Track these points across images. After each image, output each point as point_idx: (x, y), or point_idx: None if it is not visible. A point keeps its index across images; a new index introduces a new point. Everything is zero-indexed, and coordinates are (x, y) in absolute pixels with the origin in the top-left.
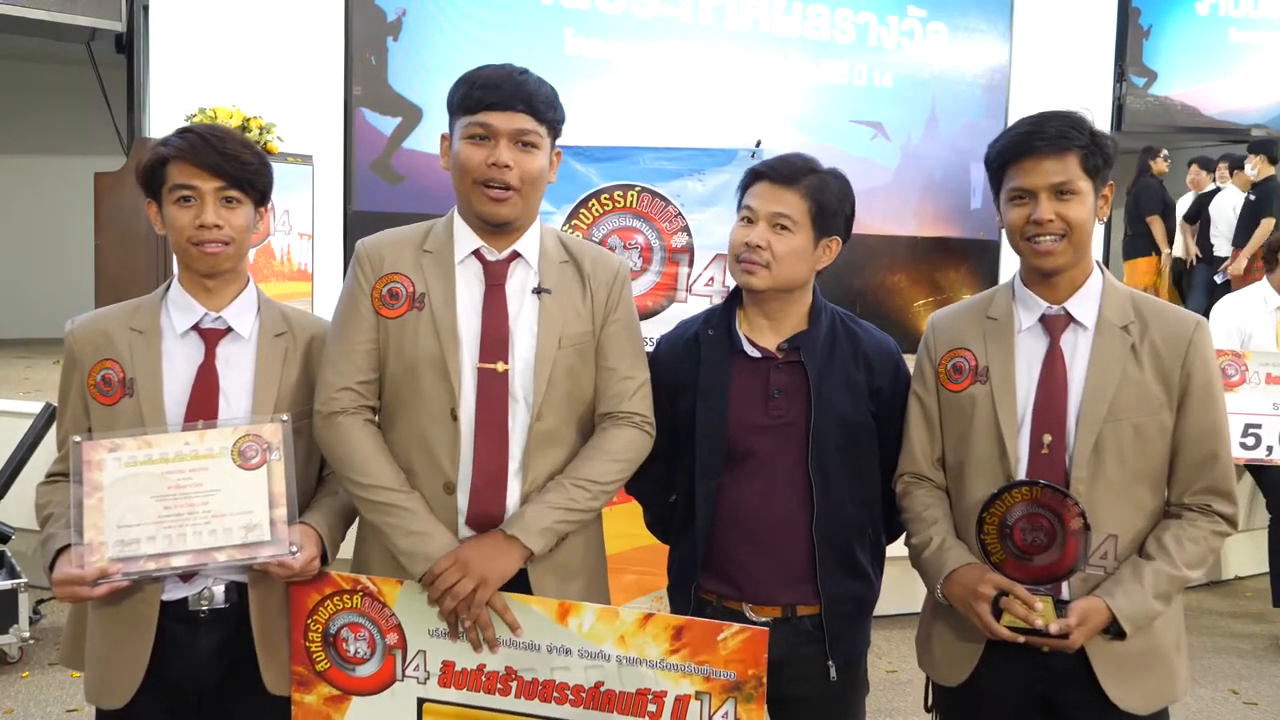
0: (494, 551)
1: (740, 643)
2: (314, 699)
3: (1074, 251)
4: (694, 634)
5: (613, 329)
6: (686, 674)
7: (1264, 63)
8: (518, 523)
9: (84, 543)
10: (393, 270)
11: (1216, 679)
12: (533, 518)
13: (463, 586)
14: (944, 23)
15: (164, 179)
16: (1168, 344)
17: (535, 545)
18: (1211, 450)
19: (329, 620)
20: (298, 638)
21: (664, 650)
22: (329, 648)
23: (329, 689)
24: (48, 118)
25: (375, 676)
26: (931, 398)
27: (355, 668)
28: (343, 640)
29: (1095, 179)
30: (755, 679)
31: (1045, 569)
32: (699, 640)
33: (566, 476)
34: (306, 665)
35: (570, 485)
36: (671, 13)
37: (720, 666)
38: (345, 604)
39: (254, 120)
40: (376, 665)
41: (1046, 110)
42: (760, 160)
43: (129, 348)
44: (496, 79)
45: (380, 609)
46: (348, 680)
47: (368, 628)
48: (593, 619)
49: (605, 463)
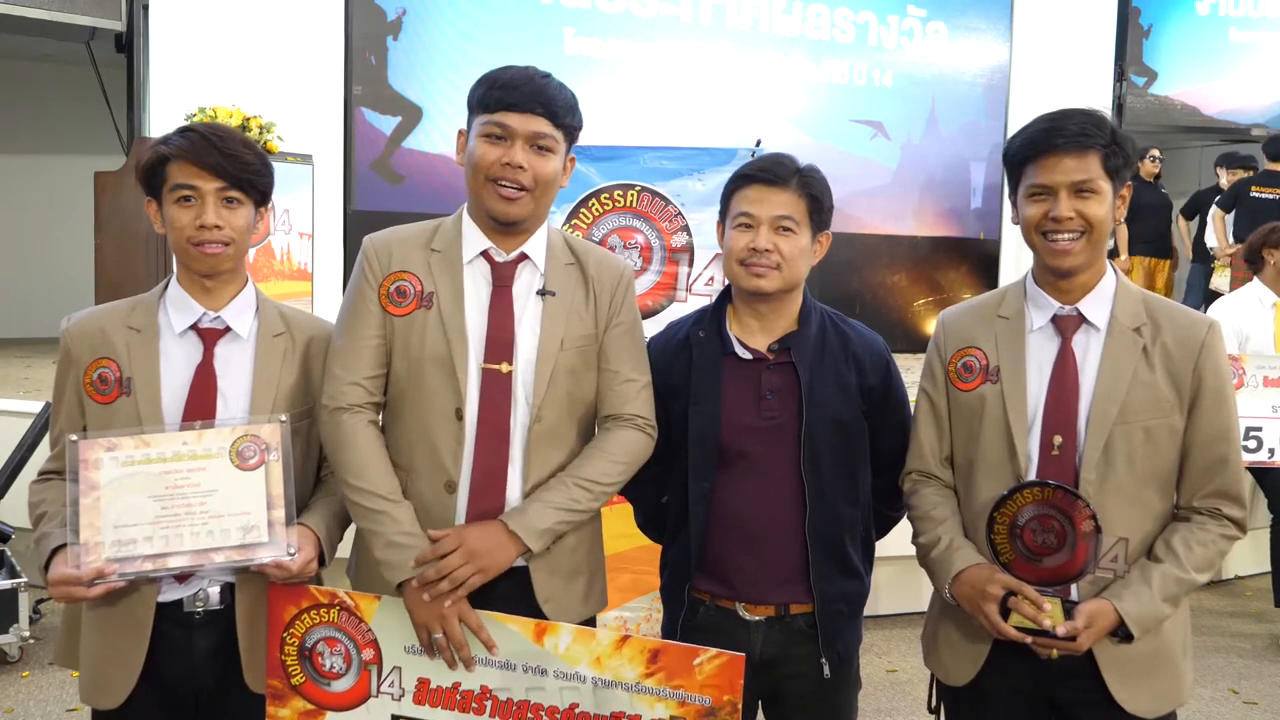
0: (496, 544)
1: (716, 668)
2: (288, 713)
3: (1091, 251)
4: (670, 657)
5: (616, 332)
6: (661, 698)
7: (1264, 62)
8: (520, 518)
9: (80, 543)
10: (401, 268)
11: (1216, 678)
12: (536, 516)
13: (462, 571)
14: (944, 22)
15: (164, 178)
16: (1179, 346)
17: (535, 545)
18: (1222, 454)
19: (305, 634)
20: (273, 651)
21: (640, 673)
22: (304, 662)
23: (303, 704)
24: (48, 117)
25: (350, 692)
26: (941, 396)
27: (330, 683)
28: (319, 654)
29: (1115, 179)
30: (730, 705)
31: (1055, 571)
32: (675, 664)
33: (569, 475)
34: (282, 679)
35: (573, 485)
36: (671, 12)
37: (695, 691)
38: (322, 618)
39: (254, 119)
40: (351, 681)
41: (1067, 108)
42: (744, 164)
43: (126, 346)
44: (517, 80)
45: (357, 624)
46: (322, 695)
47: (344, 642)
48: (569, 639)
49: (606, 463)
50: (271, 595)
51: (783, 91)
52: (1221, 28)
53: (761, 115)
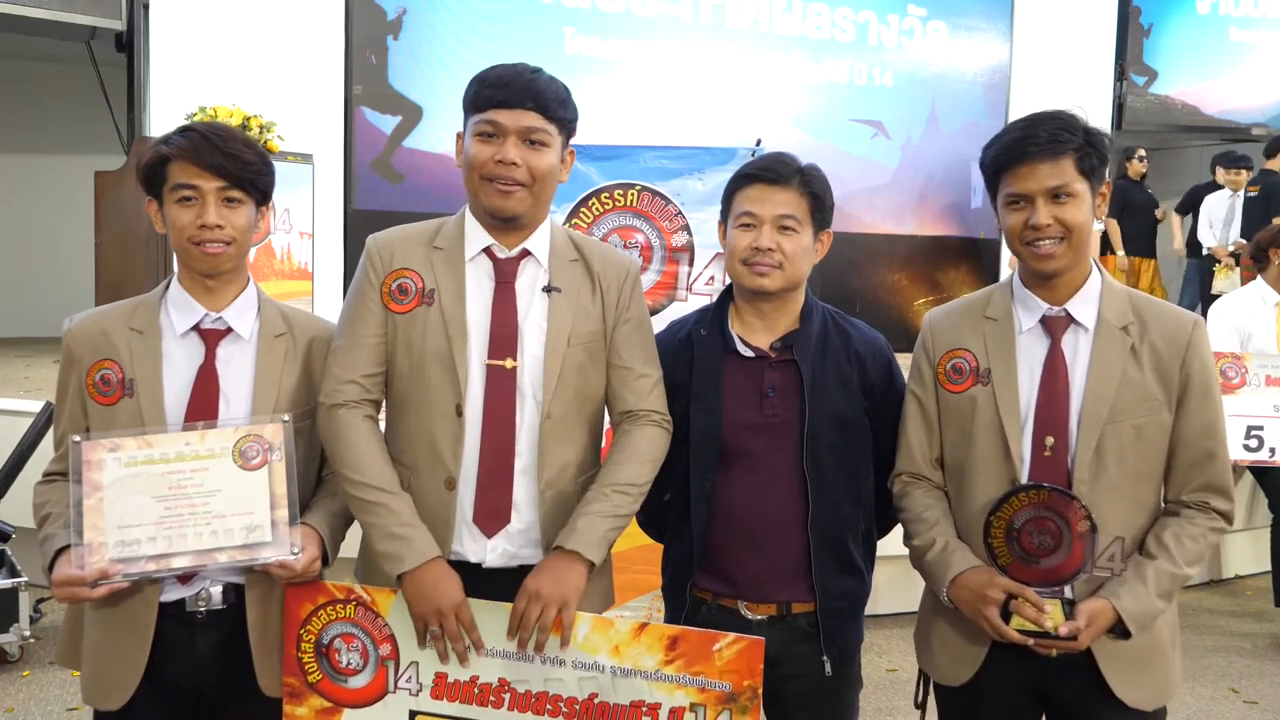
0: (562, 572)
1: (736, 653)
2: (305, 711)
3: (1073, 253)
4: (689, 644)
5: (625, 328)
6: (681, 685)
7: (1264, 62)
8: (574, 538)
9: (84, 543)
10: (402, 266)
11: (1217, 678)
12: (588, 530)
13: (548, 615)
14: (944, 21)
15: (165, 178)
16: (1167, 344)
17: (596, 557)
18: (1209, 448)
19: (322, 630)
20: (290, 649)
21: (659, 661)
22: (321, 658)
23: (321, 701)
24: (48, 116)
25: (367, 688)
26: (930, 397)
27: (348, 679)
28: (335, 651)
29: (1091, 179)
30: (750, 690)
31: (1052, 572)
32: (694, 650)
33: (606, 484)
34: (299, 677)
35: (613, 492)
36: (672, 11)
37: (715, 677)
38: (339, 614)
39: (254, 119)
40: (369, 677)
41: (1038, 112)
42: (745, 164)
43: (128, 348)
44: (506, 78)
45: (374, 619)
46: (340, 692)
47: (361, 638)
48: (587, 629)
49: (638, 466)
50: (287, 592)
51: (783, 91)
52: (1222, 27)
53: (762, 115)
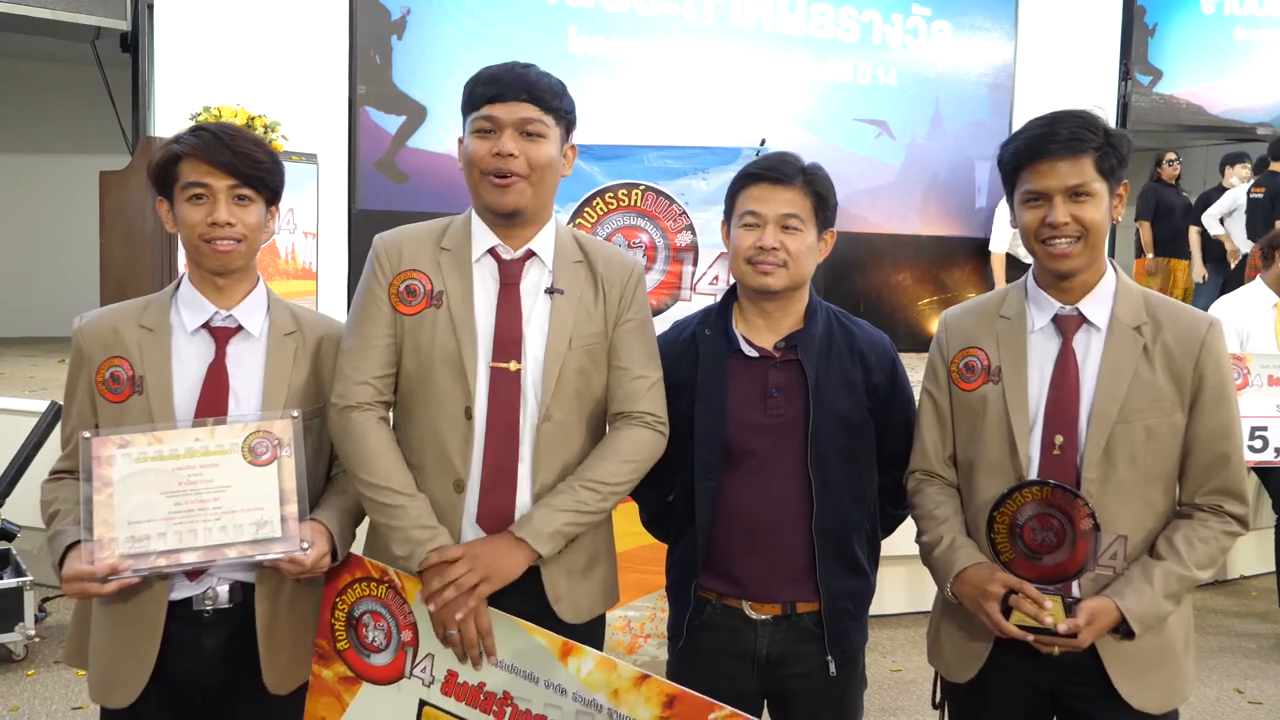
0: (502, 551)
1: None
2: (330, 675)
3: (1089, 253)
4: (685, 706)
5: (626, 329)
6: None
7: (1269, 61)
8: (526, 526)
9: (94, 539)
10: (411, 267)
11: (1221, 678)
12: (541, 521)
13: (467, 579)
14: (949, 21)
15: (176, 177)
16: (1180, 345)
17: (543, 549)
18: (1223, 451)
19: (355, 603)
20: (325, 614)
21: (653, 715)
22: (350, 630)
23: (344, 669)
24: (52, 116)
25: (387, 668)
26: (944, 396)
27: (370, 655)
28: (364, 625)
29: (1110, 180)
30: None
31: (1055, 569)
32: (689, 713)
33: (576, 478)
34: (329, 640)
35: (579, 487)
36: (675, 11)
37: None
38: (371, 591)
39: (259, 119)
40: (389, 657)
41: (1059, 110)
42: (749, 163)
43: (138, 346)
44: (499, 74)
45: (401, 604)
46: (362, 665)
47: (387, 618)
48: (592, 665)
49: (616, 464)
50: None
51: (787, 90)
52: (1226, 26)
53: (765, 114)
